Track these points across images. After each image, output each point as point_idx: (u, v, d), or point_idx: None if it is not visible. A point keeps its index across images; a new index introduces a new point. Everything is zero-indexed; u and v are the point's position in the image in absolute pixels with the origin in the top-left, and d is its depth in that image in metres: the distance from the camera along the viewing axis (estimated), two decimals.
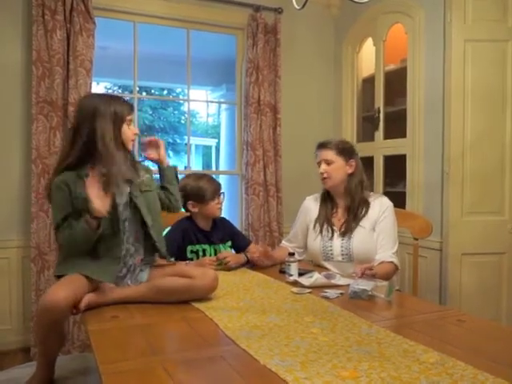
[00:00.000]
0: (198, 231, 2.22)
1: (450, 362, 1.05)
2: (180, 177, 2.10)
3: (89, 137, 1.61)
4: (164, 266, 1.81)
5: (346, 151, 2.11)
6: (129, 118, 1.70)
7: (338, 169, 2.09)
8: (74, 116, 1.73)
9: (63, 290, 1.44)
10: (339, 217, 2.14)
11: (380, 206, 2.09)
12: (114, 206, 1.66)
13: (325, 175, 2.09)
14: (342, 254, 2.05)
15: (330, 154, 2.09)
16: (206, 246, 2.20)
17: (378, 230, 2.05)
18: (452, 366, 1.02)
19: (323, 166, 2.09)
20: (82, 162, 1.64)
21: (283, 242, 2.38)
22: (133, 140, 1.75)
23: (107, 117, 1.63)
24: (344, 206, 2.13)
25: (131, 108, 1.73)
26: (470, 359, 1.06)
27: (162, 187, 1.94)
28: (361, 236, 2.04)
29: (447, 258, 2.65)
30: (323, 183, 2.13)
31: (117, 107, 1.66)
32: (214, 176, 2.41)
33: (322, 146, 2.12)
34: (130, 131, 1.71)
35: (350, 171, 2.11)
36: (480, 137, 2.62)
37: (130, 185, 1.74)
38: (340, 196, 2.14)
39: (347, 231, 2.07)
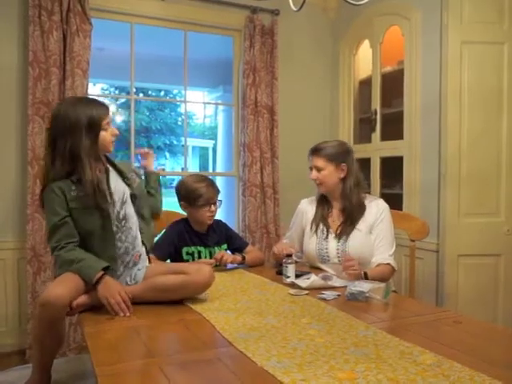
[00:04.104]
0: (194, 233, 2.20)
1: (446, 364, 1.05)
2: (178, 178, 2.14)
3: (68, 152, 1.60)
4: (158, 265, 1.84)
5: (336, 157, 2.09)
6: (105, 122, 1.67)
7: (328, 175, 2.09)
8: (50, 127, 1.68)
9: (62, 287, 1.45)
10: (334, 218, 2.14)
11: (376, 208, 2.09)
12: (105, 209, 1.66)
13: (317, 182, 2.11)
14: (338, 257, 2.05)
15: (319, 161, 2.09)
16: (202, 249, 2.19)
17: (376, 232, 2.05)
18: (449, 368, 1.03)
19: (314, 173, 2.11)
20: (69, 171, 1.63)
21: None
22: (112, 141, 1.73)
23: (82, 129, 1.61)
24: (339, 208, 2.14)
25: (107, 111, 1.70)
26: (466, 361, 1.06)
27: (147, 192, 2.03)
28: (357, 239, 2.04)
29: (444, 259, 2.65)
30: (317, 187, 2.15)
31: (91, 116, 1.63)
32: (211, 178, 2.39)
33: (314, 152, 2.12)
34: (108, 134, 1.69)
35: (342, 175, 2.10)
36: (476, 139, 2.63)
37: (127, 183, 1.76)
38: (335, 199, 2.15)
39: (343, 234, 2.07)
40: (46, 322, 1.46)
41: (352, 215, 2.07)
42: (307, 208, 2.24)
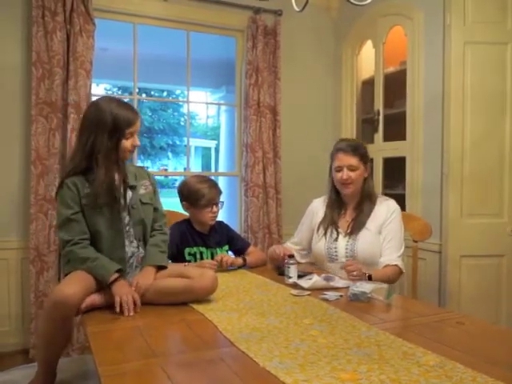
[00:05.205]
0: (196, 234, 2.21)
1: (449, 365, 1.05)
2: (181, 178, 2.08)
3: (90, 147, 1.64)
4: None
5: (365, 157, 2.11)
6: (129, 131, 1.67)
7: (360, 175, 2.08)
8: (82, 119, 1.74)
9: (75, 286, 1.46)
10: (347, 218, 2.13)
11: (387, 209, 2.08)
12: (115, 211, 1.68)
13: (348, 181, 2.06)
14: (347, 256, 2.04)
15: (355, 161, 2.06)
16: (204, 249, 2.20)
17: (385, 233, 2.05)
18: (451, 369, 1.02)
19: (347, 173, 2.05)
20: (89, 167, 1.66)
21: (287, 243, 2.34)
22: (131, 151, 1.73)
23: (106, 129, 1.63)
24: (354, 207, 2.13)
25: (135, 119, 1.70)
26: (469, 362, 1.06)
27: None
28: (366, 238, 2.04)
29: (446, 260, 2.65)
30: (344, 188, 2.09)
31: (117, 118, 1.64)
32: (213, 178, 2.40)
33: (348, 151, 2.06)
34: (128, 143, 1.69)
35: (365, 175, 2.11)
36: (479, 139, 2.62)
37: (133, 191, 1.75)
38: (352, 198, 2.13)
39: (353, 231, 2.06)
40: (56, 320, 1.46)
41: (365, 211, 2.07)
42: (318, 207, 2.22)
